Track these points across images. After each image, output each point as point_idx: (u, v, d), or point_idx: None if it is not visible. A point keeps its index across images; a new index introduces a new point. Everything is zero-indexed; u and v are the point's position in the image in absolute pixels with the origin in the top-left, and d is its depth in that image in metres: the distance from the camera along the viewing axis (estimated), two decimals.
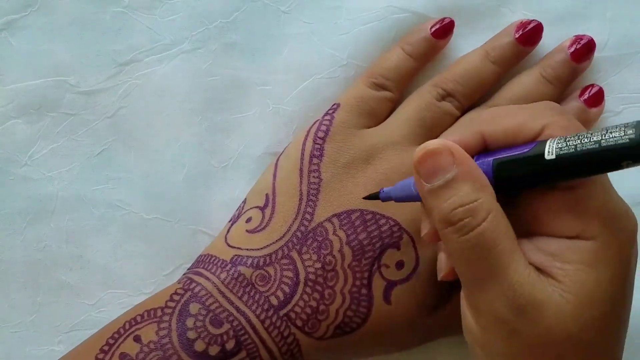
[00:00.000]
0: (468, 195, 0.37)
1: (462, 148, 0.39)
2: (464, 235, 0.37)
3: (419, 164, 0.39)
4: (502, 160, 0.39)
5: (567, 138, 0.37)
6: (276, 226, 0.47)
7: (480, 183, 0.38)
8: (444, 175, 0.38)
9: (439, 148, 0.38)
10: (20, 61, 0.51)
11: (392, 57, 0.49)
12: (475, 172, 0.38)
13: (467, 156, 0.38)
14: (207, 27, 0.51)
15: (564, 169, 0.37)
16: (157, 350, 0.43)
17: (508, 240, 0.37)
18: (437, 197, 0.38)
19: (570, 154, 0.36)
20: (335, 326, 0.45)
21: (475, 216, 0.37)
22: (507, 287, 0.37)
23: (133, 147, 0.51)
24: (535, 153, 0.37)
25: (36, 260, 0.51)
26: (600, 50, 0.50)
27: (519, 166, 0.38)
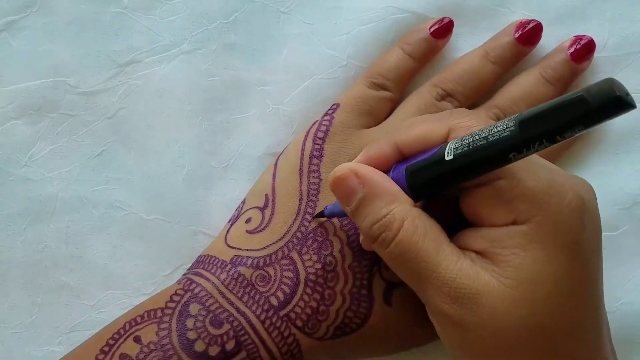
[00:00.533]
0: (379, 211, 0.39)
1: (380, 157, 0.41)
2: (386, 247, 0.39)
3: (333, 190, 0.41)
4: (412, 166, 0.40)
5: (463, 137, 0.37)
6: (276, 226, 0.47)
7: (389, 196, 0.40)
8: (355, 196, 0.40)
9: (344, 173, 0.40)
10: (20, 62, 0.51)
11: (391, 57, 0.49)
12: (383, 186, 0.40)
13: (372, 174, 0.40)
14: (207, 27, 0.51)
15: (463, 167, 0.37)
16: (157, 350, 0.43)
17: (431, 240, 0.39)
18: (357, 217, 0.40)
19: (465, 152, 0.37)
20: (335, 327, 0.45)
21: (390, 229, 0.39)
22: (440, 284, 0.38)
23: (133, 148, 0.51)
24: (437, 156, 0.38)
25: (36, 260, 0.51)
26: (600, 50, 0.50)
27: (426, 170, 0.39)
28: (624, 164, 0.50)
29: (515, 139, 0.35)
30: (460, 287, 0.38)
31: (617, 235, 0.50)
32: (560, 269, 0.38)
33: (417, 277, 0.39)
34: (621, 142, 0.50)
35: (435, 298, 0.39)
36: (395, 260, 0.39)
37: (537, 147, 0.34)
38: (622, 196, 0.50)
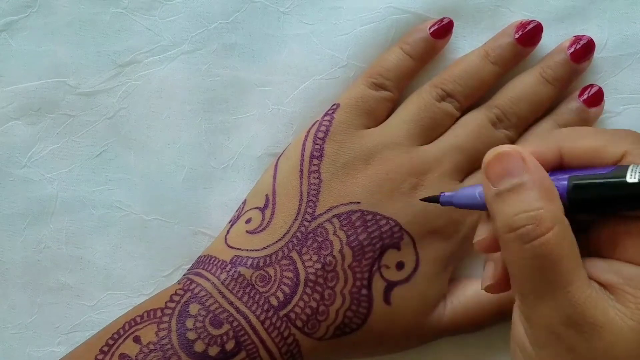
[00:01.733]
0: (535, 203, 0.36)
1: (537, 158, 0.38)
2: (526, 243, 0.36)
3: (488, 165, 0.38)
4: (578, 179, 0.37)
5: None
6: (276, 227, 0.47)
7: (549, 194, 0.36)
8: (512, 179, 0.37)
9: (511, 152, 0.37)
10: (20, 62, 0.51)
11: (391, 57, 0.49)
12: (546, 182, 0.37)
13: (539, 165, 0.37)
14: (207, 28, 0.51)
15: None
16: (156, 350, 0.43)
17: (572, 256, 0.36)
18: (502, 201, 0.37)
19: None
20: (335, 327, 0.45)
21: (540, 225, 0.36)
22: (566, 303, 0.36)
23: (133, 148, 0.51)
24: (615, 176, 0.36)
25: (36, 261, 0.51)
26: (600, 50, 0.50)
27: (596, 188, 0.36)
28: None
29: None
30: (585, 313, 0.35)
31: None
32: None
33: (542, 287, 0.36)
34: None
35: (552, 314, 0.36)
36: (529, 260, 0.36)
37: None
38: None
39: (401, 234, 0.46)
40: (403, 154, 0.47)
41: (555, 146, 0.38)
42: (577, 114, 0.49)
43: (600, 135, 0.38)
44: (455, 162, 0.48)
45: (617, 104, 0.50)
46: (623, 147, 0.37)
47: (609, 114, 0.50)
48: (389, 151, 0.47)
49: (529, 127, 0.49)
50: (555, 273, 0.35)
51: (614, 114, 0.50)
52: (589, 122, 0.49)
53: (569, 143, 0.38)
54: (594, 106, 0.49)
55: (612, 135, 0.38)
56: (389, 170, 0.47)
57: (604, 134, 0.38)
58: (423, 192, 0.47)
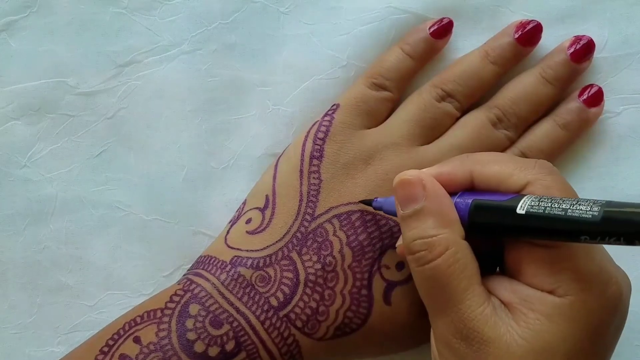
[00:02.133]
0: (429, 230, 0.40)
1: (450, 179, 0.41)
2: (420, 265, 0.40)
3: (396, 189, 0.41)
4: (479, 203, 0.40)
5: (541, 198, 0.38)
6: (276, 227, 0.47)
7: (445, 219, 0.40)
8: (414, 205, 0.40)
9: (412, 179, 0.41)
10: (20, 62, 0.51)
11: (391, 57, 0.49)
12: (444, 208, 0.40)
13: (439, 192, 0.41)
14: (207, 28, 0.51)
15: (530, 227, 0.38)
16: (156, 351, 0.43)
17: (464, 277, 0.39)
18: (405, 224, 0.41)
19: (538, 214, 0.37)
20: (335, 327, 0.45)
21: (431, 250, 0.39)
22: (457, 319, 0.39)
23: (133, 148, 0.51)
24: (509, 204, 0.39)
25: (36, 261, 0.51)
26: (600, 51, 0.50)
27: (492, 213, 0.39)
28: (624, 166, 0.50)
29: (595, 225, 0.35)
30: (475, 329, 0.38)
31: None
32: (576, 349, 0.38)
33: (437, 304, 0.40)
34: (621, 142, 0.50)
35: (446, 328, 0.39)
36: (422, 280, 0.40)
37: (612, 241, 0.35)
38: (622, 198, 0.50)
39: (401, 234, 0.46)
40: (403, 154, 0.47)
41: (468, 169, 0.41)
42: (577, 113, 0.49)
43: (509, 163, 0.41)
44: None
45: (617, 104, 0.50)
46: (527, 177, 0.40)
47: (609, 114, 0.50)
48: (389, 151, 0.47)
49: (529, 127, 0.49)
50: (445, 293, 0.39)
51: (614, 114, 0.50)
52: (589, 121, 0.49)
53: (480, 167, 0.41)
54: (594, 106, 0.49)
55: (521, 164, 0.41)
56: (388, 171, 0.47)
57: (513, 162, 0.41)
58: None
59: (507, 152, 0.48)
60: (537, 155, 0.48)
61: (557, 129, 0.48)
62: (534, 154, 0.48)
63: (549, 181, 0.39)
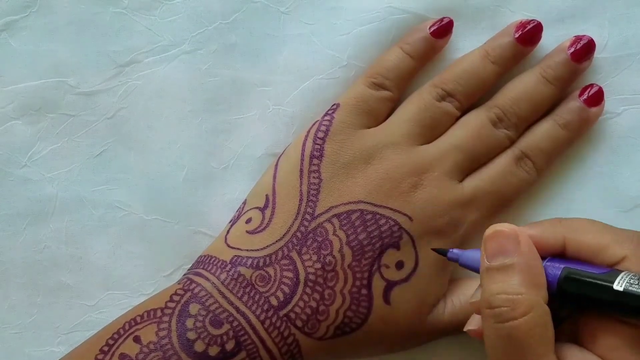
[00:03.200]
0: (516, 287, 0.38)
1: (540, 242, 0.40)
2: (499, 322, 0.38)
3: (486, 240, 0.40)
4: (571, 272, 0.39)
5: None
6: (276, 227, 0.47)
7: (534, 280, 0.38)
8: (504, 258, 0.39)
9: (508, 232, 0.39)
10: (20, 62, 0.51)
11: (391, 56, 0.49)
12: (534, 268, 0.39)
13: (533, 251, 0.39)
14: (207, 28, 0.51)
15: (626, 305, 0.37)
16: (156, 350, 0.43)
17: (542, 344, 0.38)
18: (489, 277, 0.39)
19: (637, 294, 0.36)
20: (335, 326, 0.45)
21: (515, 309, 0.38)
22: None
23: (133, 148, 0.51)
24: (605, 279, 0.38)
25: (36, 261, 0.51)
26: (600, 51, 0.50)
27: (585, 285, 0.38)
28: (624, 166, 0.50)
29: None
30: None
31: None
32: None
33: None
34: (622, 143, 0.50)
35: None
36: (497, 339, 0.38)
37: None
38: (622, 198, 0.50)
39: (400, 234, 0.46)
40: (403, 154, 0.47)
41: (561, 235, 0.40)
42: (578, 113, 0.49)
43: (605, 234, 0.40)
44: (455, 161, 0.48)
45: (618, 105, 0.50)
46: (624, 251, 0.39)
47: (610, 115, 0.50)
48: (389, 151, 0.47)
49: (530, 126, 0.49)
50: (519, 356, 0.38)
51: (614, 115, 0.50)
52: (589, 121, 0.49)
53: (575, 235, 0.40)
54: (595, 106, 0.49)
55: (618, 235, 0.40)
56: (388, 170, 0.47)
57: (609, 233, 0.40)
58: (423, 191, 0.47)
59: (507, 152, 0.48)
60: (538, 155, 0.48)
61: (557, 129, 0.48)
62: (534, 153, 0.48)
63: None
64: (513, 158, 0.48)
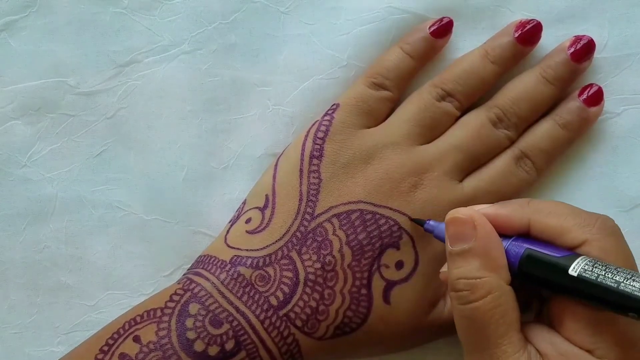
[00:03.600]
0: (474, 271, 0.40)
1: (507, 222, 0.41)
2: (461, 304, 0.40)
3: (447, 225, 0.42)
4: (532, 253, 0.40)
5: (596, 263, 0.38)
6: (276, 227, 0.46)
7: (492, 263, 0.40)
8: (463, 244, 0.41)
9: (464, 218, 0.41)
10: (20, 62, 0.51)
11: (391, 56, 0.49)
12: (493, 251, 0.40)
13: (490, 234, 0.41)
14: (207, 28, 0.51)
15: (579, 290, 0.38)
16: (156, 350, 0.43)
17: (503, 324, 0.39)
18: (452, 261, 0.41)
19: (590, 280, 0.37)
20: (335, 326, 0.45)
21: (474, 292, 0.39)
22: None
23: (133, 148, 0.51)
24: (562, 263, 0.39)
25: (35, 261, 0.51)
26: (600, 51, 0.50)
27: (543, 267, 0.39)
28: (624, 166, 0.50)
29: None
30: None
31: None
32: None
33: (472, 344, 0.40)
34: (621, 142, 0.50)
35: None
36: (461, 318, 0.40)
37: None
38: (622, 198, 0.50)
39: (400, 233, 0.46)
40: (403, 154, 0.47)
41: (526, 215, 0.41)
42: (577, 113, 0.49)
43: (570, 217, 0.41)
44: (455, 161, 0.48)
45: (617, 105, 0.50)
46: (585, 235, 0.40)
47: (609, 115, 0.50)
48: (389, 151, 0.47)
49: (529, 126, 0.49)
50: (482, 335, 0.39)
51: (614, 115, 0.50)
52: (589, 121, 0.49)
53: (539, 217, 0.41)
54: (594, 105, 0.49)
55: (582, 219, 0.41)
56: (388, 170, 0.47)
57: (574, 217, 0.41)
58: (423, 191, 0.47)
59: (507, 152, 0.48)
60: (537, 155, 0.48)
61: (557, 129, 0.48)
62: (534, 153, 0.48)
63: (608, 244, 0.40)
64: (513, 158, 0.48)
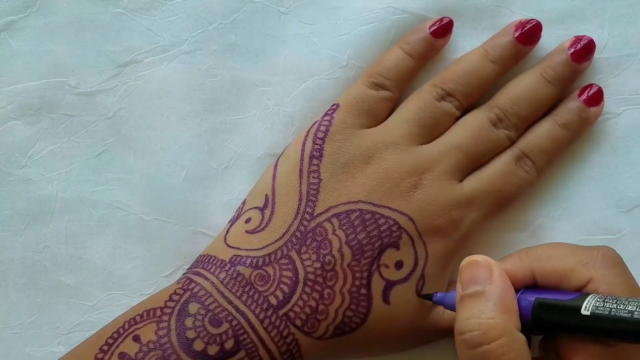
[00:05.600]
0: (488, 312, 0.39)
1: (511, 276, 0.41)
2: (471, 348, 0.38)
3: (461, 270, 0.41)
4: (543, 300, 0.40)
5: (606, 299, 0.38)
6: (275, 226, 0.46)
7: (506, 307, 0.39)
8: (476, 286, 0.40)
9: (481, 261, 0.41)
10: (20, 62, 0.51)
11: (391, 56, 0.49)
12: (505, 295, 0.40)
13: (505, 280, 0.40)
14: (207, 28, 0.51)
15: (596, 328, 0.38)
16: (156, 349, 0.43)
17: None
18: (462, 304, 0.40)
19: (604, 315, 0.37)
20: (334, 326, 0.45)
21: (486, 333, 0.38)
22: None
23: (133, 148, 0.51)
24: (573, 305, 0.39)
25: (36, 261, 0.51)
26: (600, 51, 0.50)
27: (556, 312, 0.39)
28: (625, 166, 0.50)
29: None
30: None
31: (618, 239, 0.50)
32: None
33: None
34: (621, 143, 0.50)
35: None
36: None
37: None
38: (622, 199, 0.50)
39: (400, 233, 0.46)
40: (403, 154, 0.47)
41: (527, 265, 0.41)
42: (577, 113, 0.49)
43: (569, 258, 0.41)
44: (455, 161, 0.48)
45: (617, 105, 0.50)
46: (590, 272, 0.40)
47: (609, 115, 0.50)
48: (389, 151, 0.47)
49: (530, 126, 0.49)
50: None
51: (614, 115, 0.50)
52: (589, 121, 0.49)
53: (540, 264, 0.41)
54: (594, 106, 0.49)
55: (582, 256, 0.41)
56: (388, 170, 0.47)
57: (574, 256, 0.41)
58: (422, 191, 0.47)
59: (507, 152, 0.48)
60: (537, 155, 0.48)
61: (557, 129, 0.48)
62: (534, 153, 0.48)
63: (613, 277, 0.40)
64: (513, 158, 0.48)
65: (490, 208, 0.48)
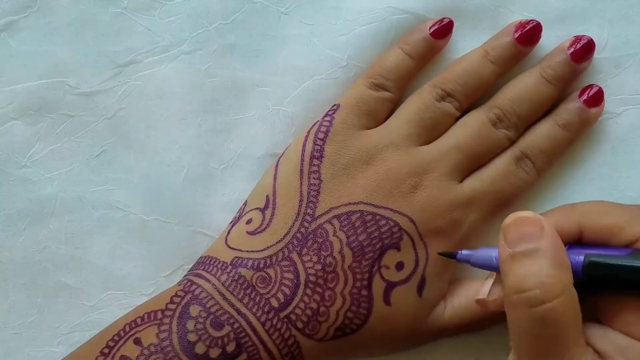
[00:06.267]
0: (546, 269, 0.38)
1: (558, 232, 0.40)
2: (532, 307, 0.38)
3: (507, 228, 0.40)
4: (594, 258, 0.39)
5: None
6: (276, 228, 0.46)
7: (562, 264, 0.38)
8: (528, 244, 0.39)
9: (531, 217, 0.39)
10: (20, 62, 0.51)
11: (391, 57, 0.49)
12: (559, 252, 0.39)
13: (556, 235, 0.39)
14: (207, 28, 0.51)
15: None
16: (157, 353, 0.43)
17: (575, 325, 0.38)
18: (515, 263, 0.39)
19: None
20: (335, 328, 0.45)
21: (548, 291, 0.37)
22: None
23: (133, 149, 0.51)
24: (628, 261, 0.38)
25: (35, 261, 0.51)
26: (600, 51, 0.50)
27: (610, 269, 0.38)
28: (624, 166, 0.50)
29: None
30: None
31: None
32: None
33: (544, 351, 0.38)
34: (621, 143, 0.50)
35: None
36: (533, 324, 0.38)
37: None
38: (622, 198, 0.50)
39: (401, 234, 0.46)
40: (403, 154, 0.47)
41: (576, 221, 0.41)
42: (578, 114, 0.49)
43: (620, 214, 0.40)
44: (455, 161, 0.48)
45: (617, 105, 0.50)
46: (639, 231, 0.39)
47: (609, 115, 0.50)
48: (389, 151, 0.47)
49: (529, 127, 0.49)
50: (556, 340, 0.37)
51: (614, 115, 0.50)
52: (589, 122, 0.49)
53: (589, 219, 0.40)
54: (594, 106, 0.49)
55: (632, 213, 0.40)
56: (388, 171, 0.47)
57: (623, 213, 0.40)
58: (423, 192, 0.47)
59: (507, 152, 0.48)
60: (537, 155, 0.48)
61: (557, 129, 0.48)
62: (534, 153, 0.48)
63: None
64: (513, 158, 0.48)
65: (490, 208, 0.48)
